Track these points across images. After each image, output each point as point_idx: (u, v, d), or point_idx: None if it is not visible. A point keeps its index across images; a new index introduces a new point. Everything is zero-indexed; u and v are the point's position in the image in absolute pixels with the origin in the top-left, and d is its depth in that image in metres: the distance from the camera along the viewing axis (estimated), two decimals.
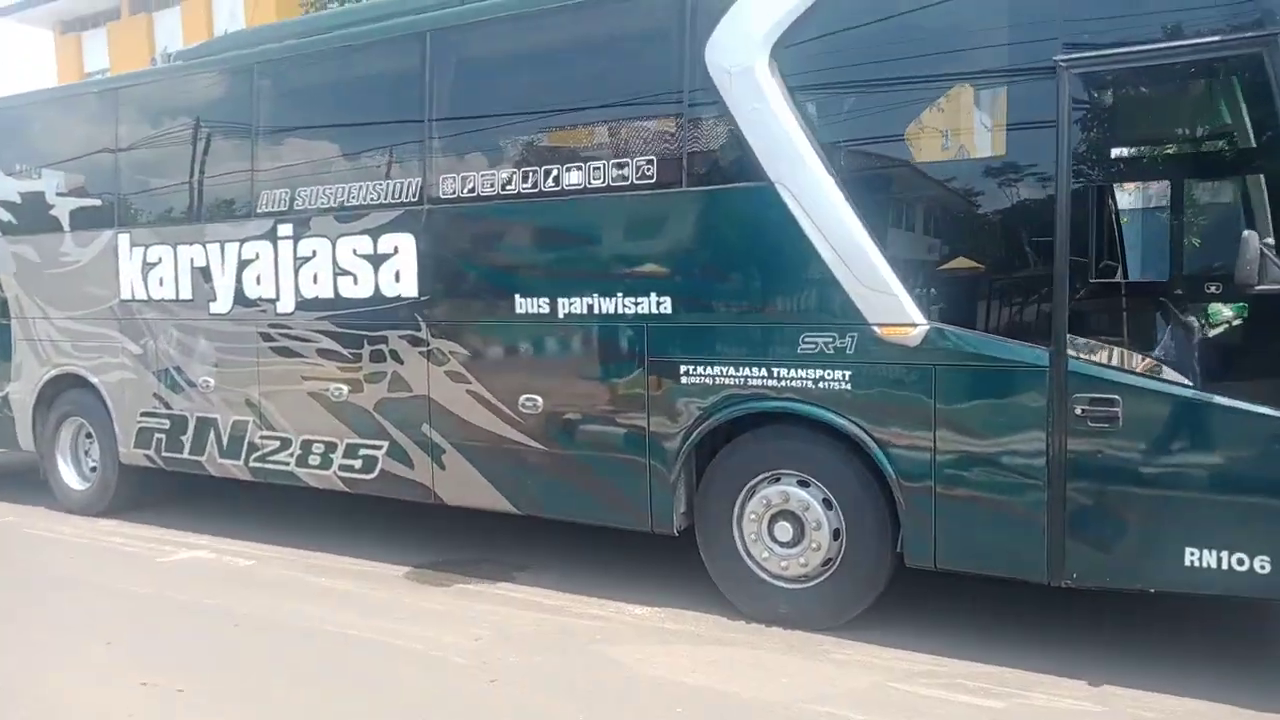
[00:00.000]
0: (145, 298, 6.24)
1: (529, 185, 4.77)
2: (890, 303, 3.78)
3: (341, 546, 5.66)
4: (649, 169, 4.41)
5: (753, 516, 4.21)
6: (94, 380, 6.58)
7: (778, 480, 4.17)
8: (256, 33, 6.91)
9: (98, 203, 6.55)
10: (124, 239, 6.32)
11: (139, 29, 27.28)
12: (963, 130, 4.10)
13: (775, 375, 4.05)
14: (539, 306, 4.74)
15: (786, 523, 4.13)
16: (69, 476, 6.94)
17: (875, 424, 3.85)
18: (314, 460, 5.59)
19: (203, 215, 6.04)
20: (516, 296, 4.80)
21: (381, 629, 4.30)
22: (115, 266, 6.35)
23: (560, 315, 4.68)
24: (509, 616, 4.45)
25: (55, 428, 6.93)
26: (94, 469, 6.86)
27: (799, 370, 3.99)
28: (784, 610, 4.16)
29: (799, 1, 4.00)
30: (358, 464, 5.41)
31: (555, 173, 4.70)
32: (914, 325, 3.74)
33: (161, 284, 6.16)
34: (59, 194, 6.73)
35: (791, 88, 4.05)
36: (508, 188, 4.85)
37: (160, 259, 6.15)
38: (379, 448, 5.31)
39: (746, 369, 4.13)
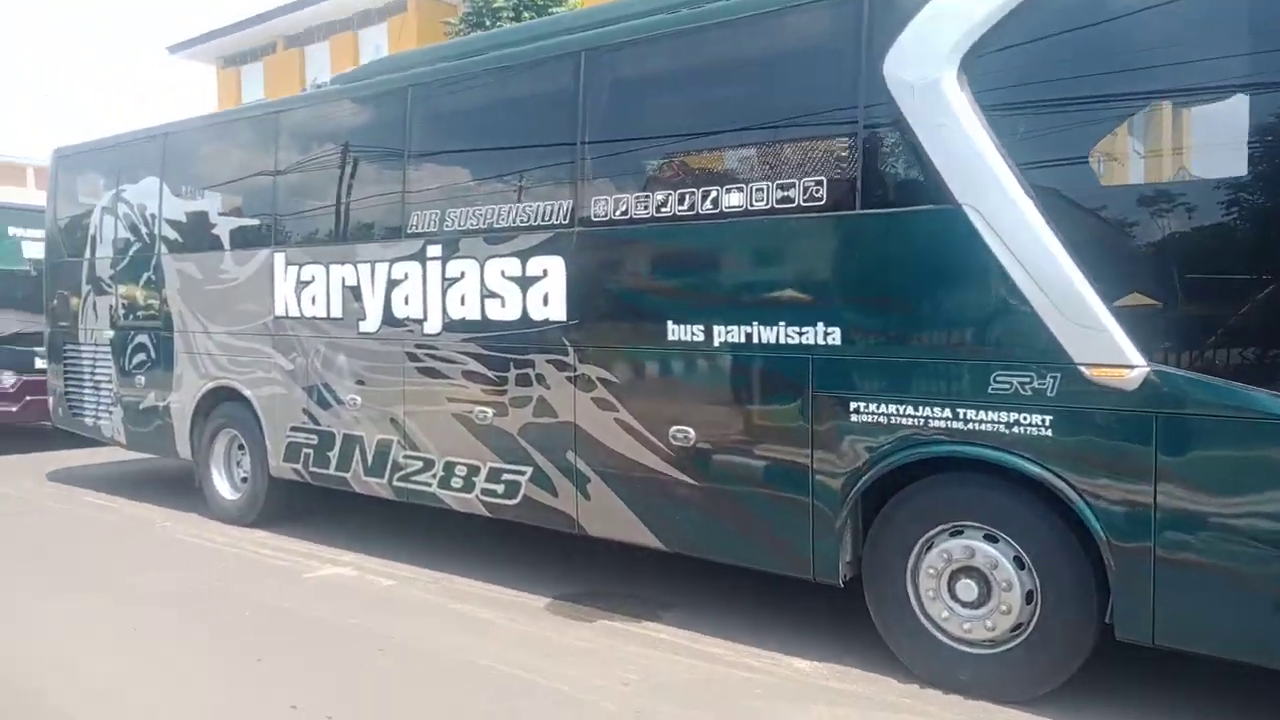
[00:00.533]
0: (298, 315, 6.37)
1: (685, 207, 4.56)
2: (1102, 340, 3.36)
3: (482, 571, 5.57)
4: (818, 190, 4.12)
5: (930, 572, 3.84)
6: (247, 394, 6.77)
7: (960, 533, 3.79)
8: (409, 56, 6.99)
9: (255, 222, 6.76)
10: (279, 258, 6.48)
11: (292, 63, 28.89)
12: (1187, 148, 3.64)
13: (961, 417, 3.68)
14: (693, 334, 4.51)
15: (970, 581, 3.74)
16: (222, 486, 7.17)
17: (1081, 475, 3.43)
18: (456, 483, 5.53)
19: (354, 235, 6.13)
20: (669, 322, 4.59)
21: (527, 665, 4.13)
22: (270, 284, 6.52)
23: (716, 343, 4.43)
24: (658, 661, 4.21)
25: (211, 438, 7.17)
26: (245, 480, 7.06)
27: (990, 412, 3.61)
28: (966, 678, 3.76)
29: (994, 8, 3.66)
30: (500, 489, 5.31)
31: (714, 194, 4.47)
32: (1131, 367, 3.32)
33: (313, 302, 6.27)
34: (220, 214, 6.99)
35: (984, 103, 3.69)
36: (662, 210, 4.66)
37: (313, 277, 6.27)
38: (522, 473, 5.20)
39: (928, 409, 3.77)
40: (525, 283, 5.13)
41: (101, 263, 7.97)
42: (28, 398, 10.54)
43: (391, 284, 5.81)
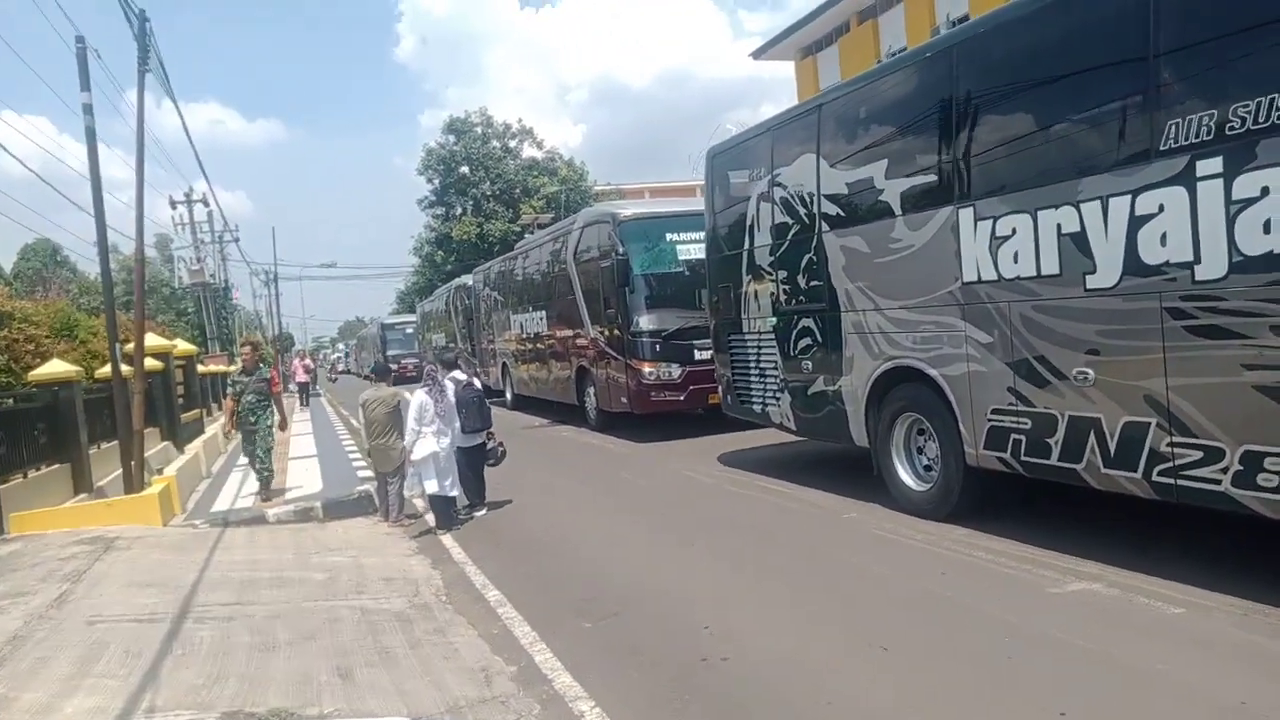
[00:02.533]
0: (994, 278, 5.41)
1: None
2: None
3: None
4: None
5: None
6: (932, 373, 6.05)
7: None
8: None
9: (931, 180, 5.97)
10: (965, 214, 5.60)
11: (866, 37, 28.98)
12: None
13: None
14: None
15: None
16: (905, 475, 6.60)
17: None
18: (1269, 480, 4.00)
19: (1071, 169, 4.93)
20: None
21: None
22: (955, 246, 5.68)
23: None
24: None
25: (889, 424, 6.65)
26: (929, 468, 6.39)
27: None
28: None
29: None
30: None
31: None
32: None
33: (1016, 260, 5.25)
34: (887, 178, 6.38)
35: None
36: None
37: (1013, 230, 5.25)
38: None
39: None
40: None
41: (760, 251, 8.07)
42: (691, 387, 11.60)
43: (1137, 221, 4.49)
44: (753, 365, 8.41)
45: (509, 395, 18.32)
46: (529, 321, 16.50)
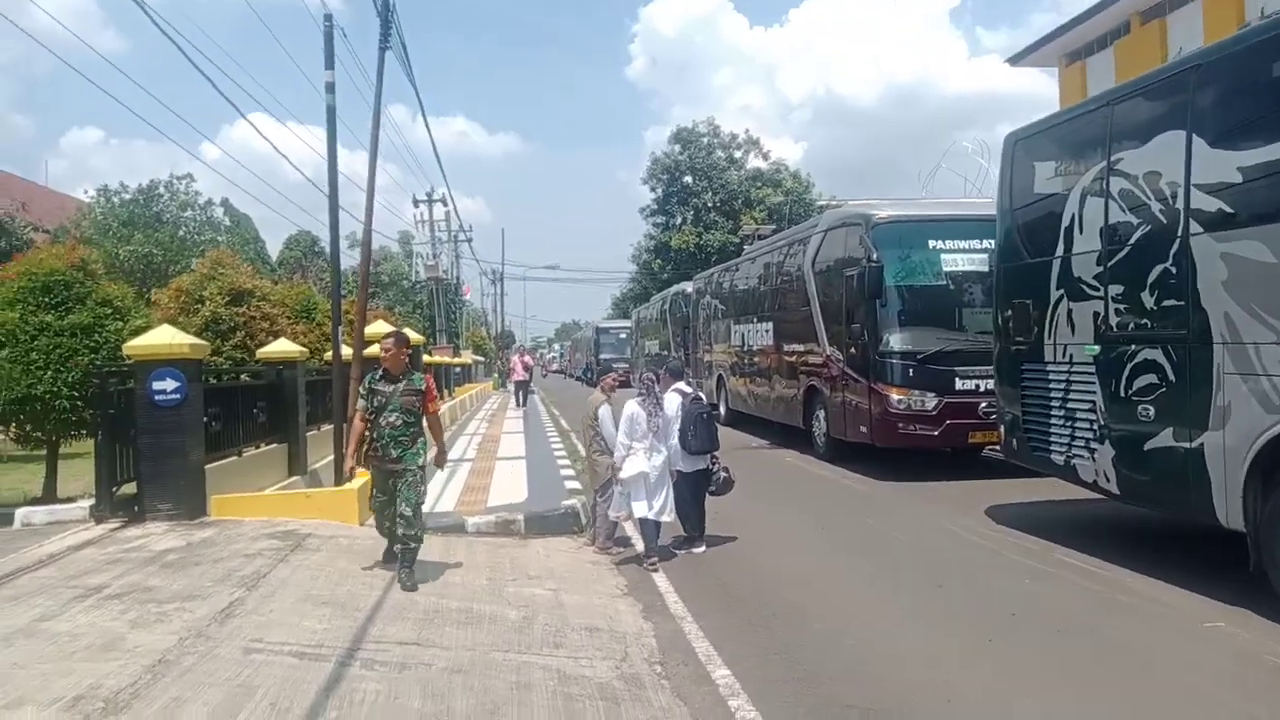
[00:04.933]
0: None
1: None
2: None
3: None
4: None
5: None
6: None
7: None
8: None
9: None
10: None
11: (1150, 39, 25.41)
12: None
13: None
14: None
15: None
16: None
17: None
18: None
19: None
20: None
21: None
22: None
23: None
24: None
25: None
26: None
27: None
28: None
29: None
30: None
31: None
32: None
33: None
34: None
35: None
36: None
37: None
38: None
39: None
40: None
41: (1081, 260, 6.27)
42: (948, 421, 9.79)
43: None
44: (1056, 404, 6.60)
45: (723, 410, 17.06)
46: (753, 333, 15.18)
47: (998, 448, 9.74)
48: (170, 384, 7.03)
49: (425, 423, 5.84)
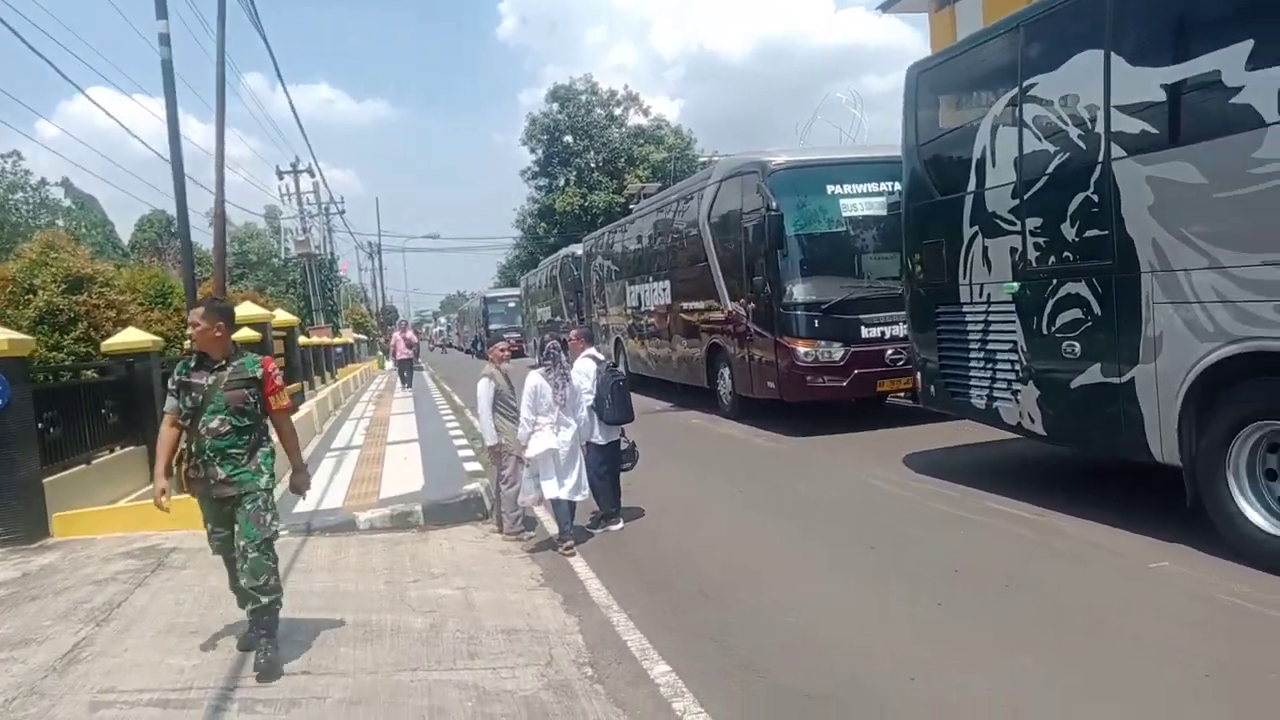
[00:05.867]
0: None
1: None
2: None
3: None
4: None
5: None
6: None
7: None
8: None
9: None
10: None
11: None
12: None
13: None
14: None
15: None
16: (1249, 511, 4.52)
17: None
18: None
19: None
20: None
21: None
22: None
23: None
24: None
25: (1224, 437, 4.57)
26: None
27: None
28: None
29: None
30: None
31: None
32: None
33: None
34: (1249, 69, 4.26)
35: None
36: None
37: None
38: None
39: None
40: None
41: (995, 194, 6.02)
42: (856, 370, 9.59)
43: None
44: (975, 347, 6.38)
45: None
46: (649, 293, 14.71)
47: (904, 395, 9.68)
48: None
49: (271, 425, 4.14)
